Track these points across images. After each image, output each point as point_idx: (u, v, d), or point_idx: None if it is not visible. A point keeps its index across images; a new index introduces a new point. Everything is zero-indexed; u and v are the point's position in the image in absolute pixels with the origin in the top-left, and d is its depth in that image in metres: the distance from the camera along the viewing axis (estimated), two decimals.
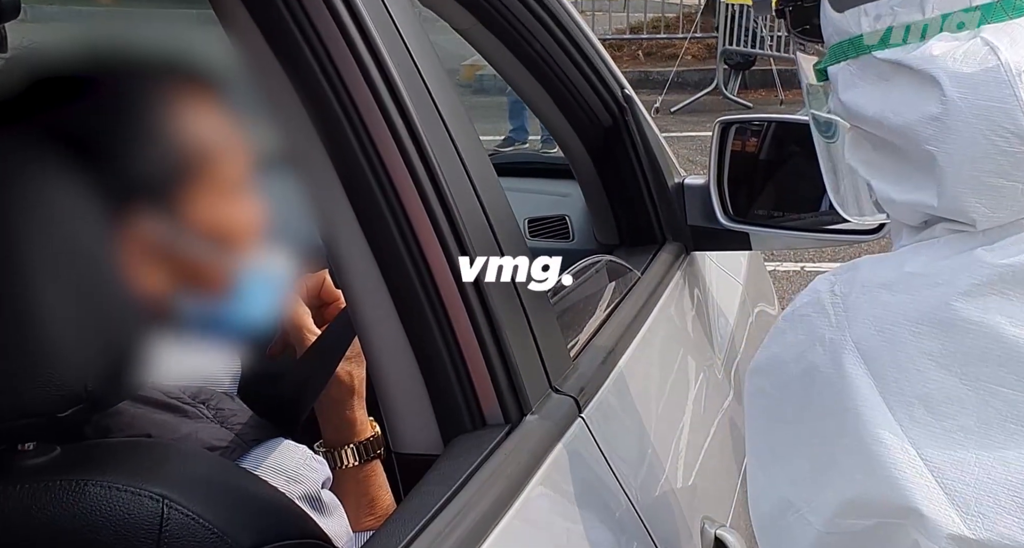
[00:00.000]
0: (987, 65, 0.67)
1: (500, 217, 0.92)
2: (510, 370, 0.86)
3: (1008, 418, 0.66)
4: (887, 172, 0.74)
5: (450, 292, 0.85)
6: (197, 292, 0.80)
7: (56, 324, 0.68)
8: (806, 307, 0.75)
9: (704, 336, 1.44)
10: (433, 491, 0.76)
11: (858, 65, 0.73)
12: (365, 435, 1.00)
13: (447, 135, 0.88)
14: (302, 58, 0.80)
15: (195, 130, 0.80)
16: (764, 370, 0.77)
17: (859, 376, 0.69)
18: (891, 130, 0.71)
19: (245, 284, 0.82)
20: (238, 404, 0.92)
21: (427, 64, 0.88)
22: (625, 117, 1.42)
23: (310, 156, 0.83)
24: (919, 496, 0.66)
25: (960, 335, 0.68)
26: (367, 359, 0.91)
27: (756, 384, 0.77)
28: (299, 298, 1.00)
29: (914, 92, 0.69)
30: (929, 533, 0.66)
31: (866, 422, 0.68)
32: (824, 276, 0.76)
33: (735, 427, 1.42)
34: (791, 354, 0.74)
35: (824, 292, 0.74)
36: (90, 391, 0.69)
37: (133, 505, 0.70)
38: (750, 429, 0.78)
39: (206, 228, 0.79)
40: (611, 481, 0.96)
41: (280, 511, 0.79)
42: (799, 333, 0.74)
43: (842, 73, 0.74)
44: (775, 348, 0.77)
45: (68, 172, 0.72)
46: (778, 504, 0.74)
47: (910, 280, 0.71)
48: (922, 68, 0.69)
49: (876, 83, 0.72)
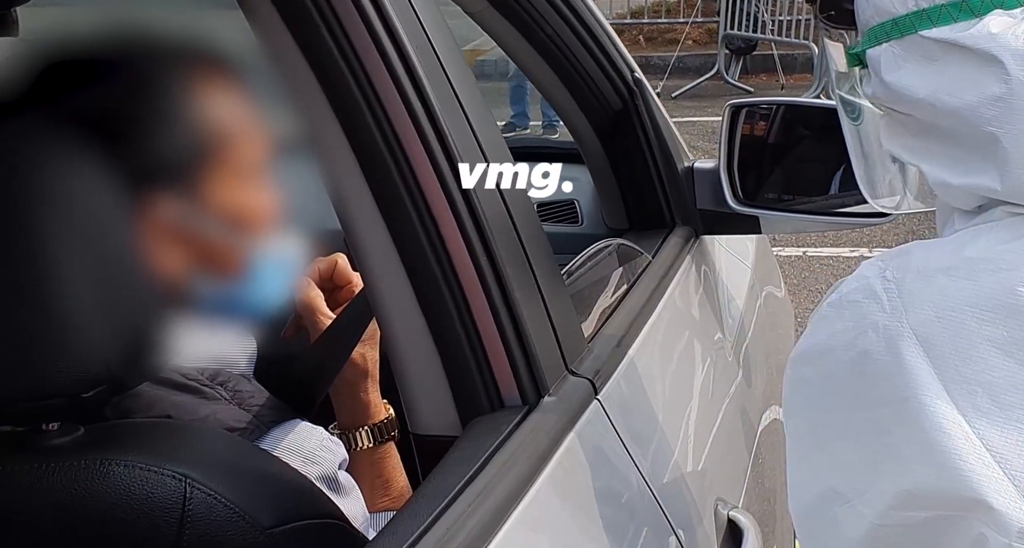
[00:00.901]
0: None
1: (515, 197, 0.92)
2: (527, 352, 0.87)
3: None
4: (937, 155, 0.73)
5: (468, 275, 0.85)
6: (213, 274, 0.80)
7: (78, 307, 0.69)
8: (855, 293, 0.72)
9: (714, 319, 1.45)
10: (453, 472, 0.77)
11: (902, 46, 0.71)
12: (379, 417, 1.01)
13: (465, 119, 0.88)
14: (322, 42, 0.80)
15: (215, 113, 0.80)
16: (809, 358, 0.74)
17: (918, 363, 0.67)
18: (945, 112, 0.70)
19: (259, 266, 0.82)
20: (255, 386, 0.93)
21: (445, 48, 0.88)
22: (635, 100, 1.41)
23: (329, 140, 0.83)
24: (987, 488, 0.63)
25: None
26: (385, 341, 0.91)
27: (799, 373, 0.74)
28: (312, 281, 1.00)
29: (972, 72, 0.68)
30: (999, 527, 0.63)
31: (927, 410, 0.66)
32: (871, 262, 0.74)
33: (744, 410, 1.43)
34: (840, 342, 0.72)
35: (874, 278, 0.72)
36: (112, 372, 0.70)
37: (156, 484, 0.70)
38: (791, 419, 0.75)
39: (224, 211, 0.79)
40: (627, 463, 0.96)
41: (299, 491, 0.80)
42: (847, 320, 0.71)
43: (885, 55, 0.72)
44: (821, 336, 0.73)
45: (87, 156, 0.72)
46: (823, 495, 0.72)
47: (971, 265, 0.69)
48: (981, 47, 0.67)
49: (924, 64, 0.70)
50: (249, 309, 0.83)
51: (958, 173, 0.71)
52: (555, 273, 0.97)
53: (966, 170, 0.71)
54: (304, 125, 0.84)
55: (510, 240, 0.89)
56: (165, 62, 0.81)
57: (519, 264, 0.89)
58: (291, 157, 0.87)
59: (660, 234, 1.42)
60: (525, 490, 0.77)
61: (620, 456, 0.96)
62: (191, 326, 0.78)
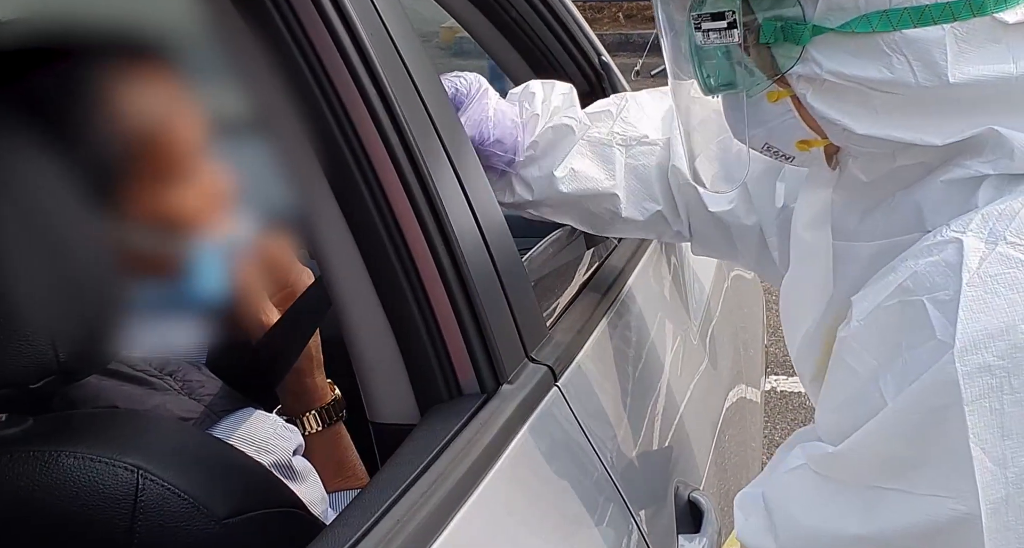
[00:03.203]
0: None
1: (474, 183, 0.92)
2: (486, 340, 0.86)
3: None
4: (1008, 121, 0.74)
5: (426, 263, 0.85)
6: (149, 277, 0.79)
7: (27, 296, 0.68)
8: (993, 266, 0.70)
9: (680, 302, 1.45)
10: (409, 460, 0.77)
11: (967, 29, 0.72)
12: (326, 400, 1.00)
13: (422, 105, 0.87)
14: (270, 21, 0.79)
15: (138, 116, 0.77)
16: (983, 344, 0.70)
17: None
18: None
19: (198, 260, 0.81)
20: (206, 375, 0.92)
21: (397, 25, 0.87)
22: (602, 83, 1.41)
23: (280, 123, 0.82)
24: None
25: None
26: (343, 329, 0.91)
27: (974, 363, 0.70)
28: (255, 280, 0.98)
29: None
30: None
31: None
32: (967, 234, 0.72)
33: (709, 392, 1.44)
34: (1016, 316, 0.69)
35: (1000, 246, 0.70)
36: (62, 362, 0.69)
37: (108, 476, 0.70)
38: (967, 417, 0.71)
39: (153, 219, 0.78)
40: (587, 448, 0.97)
41: (256, 480, 0.80)
42: (1011, 292, 0.69)
43: (948, 37, 0.73)
44: (985, 317, 0.70)
45: (35, 146, 0.71)
46: (1019, 480, 0.70)
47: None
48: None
49: (989, 45, 0.72)
50: (191, 303, 0.82)
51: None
52: (516, 259, 0.97)
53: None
54: (254, 109, 0.83)
55: (468, 227, 0.89)
56: (89, 59, 0.77)
57: (478, 251, 0.89)
58: (242, 140, 0.86)
59: None
60: (480, 479, 0.78)
61: (580, 442, 0.96)
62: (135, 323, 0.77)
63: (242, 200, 0.85)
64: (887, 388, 0.75)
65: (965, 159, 0.77)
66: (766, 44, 0.76)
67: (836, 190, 0.87)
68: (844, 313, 0.82)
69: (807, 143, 0.82)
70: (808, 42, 0.75)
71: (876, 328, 0.76)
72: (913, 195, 0.81)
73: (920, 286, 0.73)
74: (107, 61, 0.78)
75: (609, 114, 1.12)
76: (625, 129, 1.11)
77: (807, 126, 0.80)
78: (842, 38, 0.74)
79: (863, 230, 0.85)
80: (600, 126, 1.11)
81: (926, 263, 0.73)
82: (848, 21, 0.74)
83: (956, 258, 0.72)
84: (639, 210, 1.11)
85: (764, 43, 0.76)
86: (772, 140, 0.83)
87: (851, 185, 0.85)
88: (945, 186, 0.78)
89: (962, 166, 0.78)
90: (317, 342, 0.99)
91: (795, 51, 0.76)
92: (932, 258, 0.73)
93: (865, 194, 0.84)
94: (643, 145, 1.10)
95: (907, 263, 0.75)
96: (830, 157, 0.84)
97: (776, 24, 0.75)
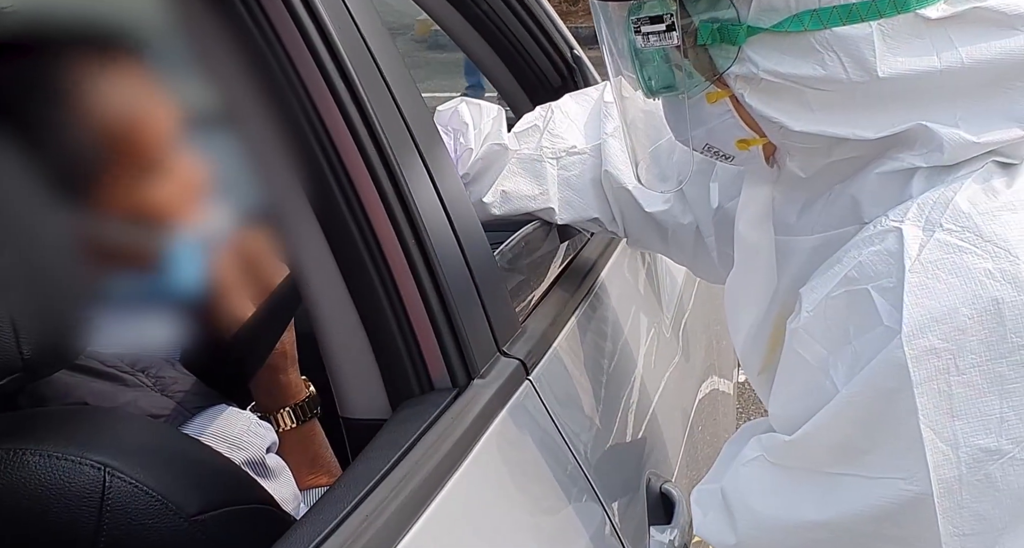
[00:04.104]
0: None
1: (445, 177, 0.92)
2: (457, 334, 0.86)
3: None
4: (939, 114, 0.76)
5: (396, 257, 0.85)
6: (124, 272, 0.78)
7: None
8: (932, 252, 0.73)
9: (653, 294, 1.46)
10: (379, 456, 0.77)
11: (893, 25, 0.75)
12: (300, 397, 1.00)
13: (392, 100, 0.87)
14: (238, 16, 0.78)
15: (108, 111, 0.77)
16: (926, 328, 0.72)
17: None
18: (962, 74, 0.75)
19: (174, 253, 0.81)
20: (179, 371, 0.91)
21: (366, 20, 0.86)
22: (574, 77, 1.41)
23: (250, 118, 0.82)
24: None
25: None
26: (314, 324, 0.90)
27: (919, 346, 0.72)
28: (230, 274, 0.97)
29: (1005, 32, 0.75)
30: None
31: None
32: (905, 223, 0.74)
33: (682, 384, 1.44)
34: (956, 300, 0.72)
35: (937, 233, 0.73)
36: (26, 359, 0.68)
37: (74, 474, 0.69)
38: (916, 398, 0.72)
39: (128, 213, 0.77)
40: (559, 441, 0.97)
41: (226, 477, 0.79)
42: (951, 276, 0.72)
43: (875, 34, 0.75)
44: (929, 302, 0.72)
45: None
46: (970, 460, 0.72)
47: (1023, 197, 0.74)
48: (1017, 12, 0.75)
49: (911, 40, 0.75)
50: (165, 297, 0.81)
51: (977, 129, 0.76)
52: (487, 253, 0.97)
53: (988, 125, 0.76)
54: (224, 104, 0.83)
55: (439, 220, 0.89)
56: (52, 53, 0.76)
57: (449, 245, 0.89)
58: (211, 133, 0.85)
59: None
60: (450, 474, 0.78)
61: (552, 436, 0.96)
62: (109, 316, 0.77)
63: (216, 195, 0.85)
64: (838, 376, 0.76)
65: (898, 152, 0.80)
66: (703, 46, 0.78)
67: (775, 186, 0.89)
68: (789, 306, 0.84)
69: (746, 142, 0.84)
70: (744, 42, 0.77)
71: (825, 318, 0.78)
72: (850, 188, 0.83)
73: (864, 275, 0.75)
74: (71, 55, 0.77)
75: (536, 129, 1.14)
76: (553, 142, 1.13)
77: (746, 126, 0.82)
78: (776, 38, 0.76)
79: (803, 224, 0.87)
80: (529, 142, 1.13)
81: (869, 253, 0.75)
82: (781, 21, 0.76)
83: (897, 246, 0.74)
84: (574, 219, 1.14)
85: (701, 45, 0.78)
86: (712, 140, 0.84)
87: (790, 181, 0.87)
88: (880, 178, 0.81)
89: (895, 159, 0.80)
90: (292, 338, 0.99)
91: (732, 52, 0.78)
92: (874, 248, 0.75)
93: (804, 189, 0.87)
94: (572, 155, 1.12)
95: (851, 254, 0.77)
96: (768, 155, 0.86)
97: (712, 26, 0.77)
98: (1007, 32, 0.76)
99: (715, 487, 0.87)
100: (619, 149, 1.09)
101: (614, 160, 1.09)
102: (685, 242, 1.10)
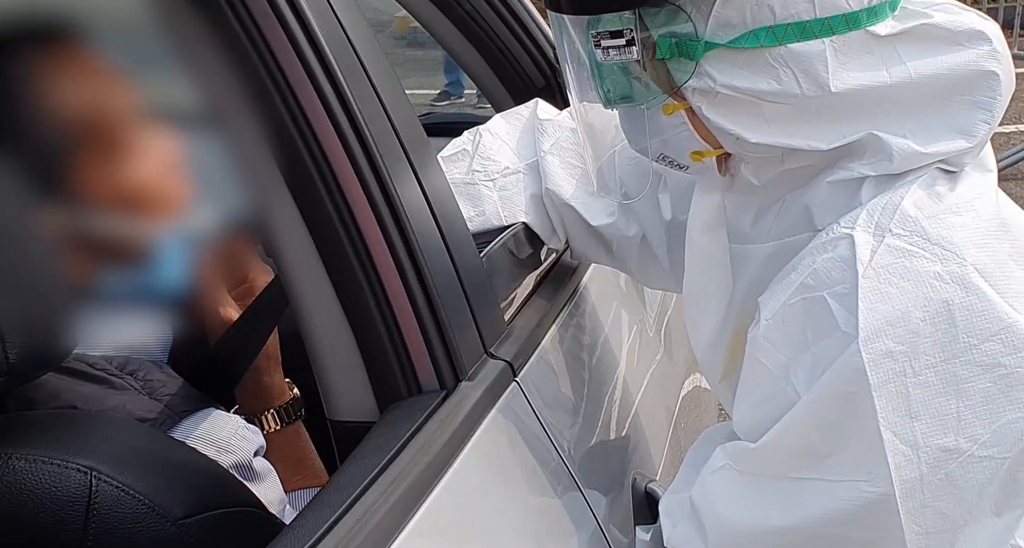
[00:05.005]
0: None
1: (432, 179, 0.91)
2: (445, 337, 0.86)
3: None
4: (895, 127, 0.79)
5: (384, 259, 0.85)
6: (114, 265, 0.77)
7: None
8: (883, 257, 0.74)
9: (636, 293, 1.46)
10: (368, 459, 0.76)
11: (845, 41, 0.77)
12: (284, 399, 1.00)
13: (379, 102, 0.86)
14: (221, 13, 0.78)
15: (72, 96, 0.75)
16: (881, 332, 0.73)
17: (992, 292, 0.72)
18: (921, 84, 0.79)
19: (160, 247, 0.80)
20: (168, 374, 0.91)
21: (350, 18, 0.86)
22: (557, 77, 1.41)
23: (234, 118, 0.81)
24: None
25: (1014, 231, 0.77)
26: (301, 326, 0.90)
27: (876, 350, 0.73)
28: (215, 274, 0.97)
29: (951, 48, 0.79)
30: None
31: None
32: (856, 229, 0.76)
33: (665, 382, 1.45)
34: (909, 303, 0.73)
35: (881, 239, 0.75)
36: (12, 363, 0.68)
37: (60, 478, 0.69)
38: (881, 401, 0.73)
39: (108, 199, 0.76)
40: (545, 442, 0.97)
41: (213, 480, 0.79)
42: (902, 280, 0.74)
43: (828, 50, 0.77)
44: (882, 306, 0.74)
45: None
46: (930, 460, 0.73)
47: (962, 201, 0.77)
48: (962, 28, 0.79)
49: (861, 56, 0.77)
50: (152, 293, 0.81)
51: (924, 140, 0.78)
52: (474, 255, 0.97)
53: (934, 136, 0.78)
54: (208, 103, 0.82)
55: (426, 223, 0.89)
56: (9, 47, 0.75)
57: (436, 247, 0.89)
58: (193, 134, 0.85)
59: None
60: (439, 476, 0.78)
61: (538, 437, 0.96)
62: (97, 315, 0.76)
63: (200, 194, 0.84)
64: (798, 382, 0.78)
65: (848, 162, 0.82)
66: (662, 59, 0.80)
67: (729, 194, 0.92)
68: (746, 314, 0.86)
69: (700, 154, 0.86)
70: (702, 57, 0.79)
71: (783, 325, 0.80)
72: (802, 197, 0.85)
73: (820, 282, 0.77)
74: (15, 49, 0.75)
75: (465, 153, 1.15)
76: (485, 165, 1.13)
77: (700, 137, 0.84)
78: (733, 53, 0.78)
79: (757, 232, 0.89)
80: (459, 166, 1.14)
81: (823, 260, 0.77)
82: (737, 37, 0.77)
83: (849, 253, 0.76)
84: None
85: (660, 59, 0.80)
86: (667, 150, 0.86)
87: (743, 189, 0.90)
88: (831, 187, 0.83)
89: (846, 168, 0.82)
90: (275, 340, 0.99)
91: (690, 66, 0.79)
92: (827, 255, 0.77)
93: (757, 197, 0.89)
94: (508, 176, 1.13)
95: (805, 261, 0.79)
96: (721, 164, 0.88)
97: (671, 40, 0.79)
98: (952, 48, 0.80)
99: (683, 496, 0.89)
100: (558, 166, 1.10)
101: (555, 178, 1.10)
102: (630, 253, 1.11)
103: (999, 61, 0.80)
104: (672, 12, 0.78)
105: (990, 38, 0.80)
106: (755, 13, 0.76)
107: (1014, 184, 4.32)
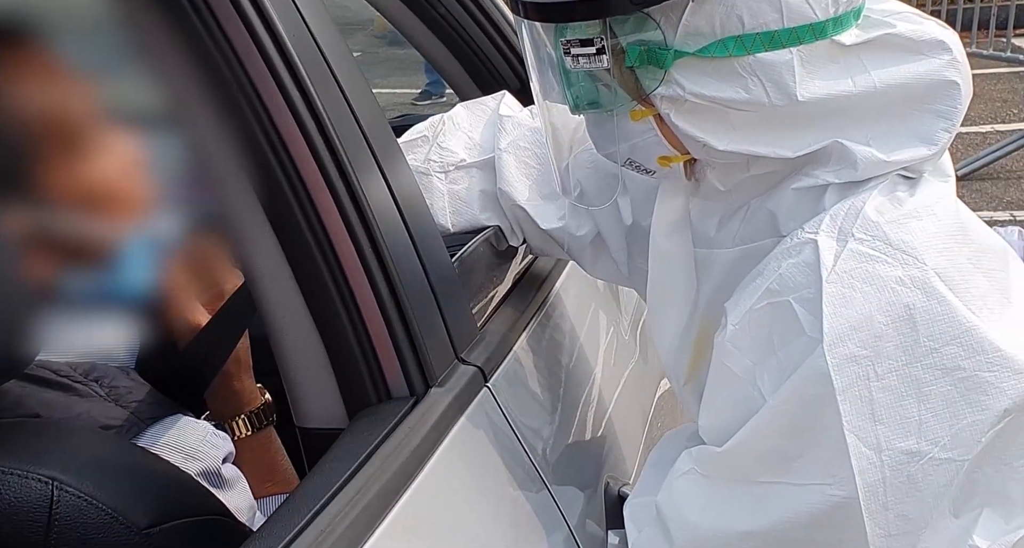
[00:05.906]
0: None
1: (401, 181, 0.91)
2: (414, 342, 0.86)
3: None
4: (857, 135, 0.80)
5: (352, 263, 0.84)
6: (79, 266, 0.76)
7: None
8: (846, 262, 0.75)
9: (611, 295, 1.46)
10: (336, 467, 0.76)
11: (811, 50, 0.78)
12: (255, 404, 0.99)
13: (346, 104, 0.86)
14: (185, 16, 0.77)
15: (27, 100, 0.74)
16: (845, 336, 0.74)
17: (952, 297, 0.73)
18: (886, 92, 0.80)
19: (125, 250, 0.79)
20: (134, 380, 0.89)
21: (314, 17, 0.85)
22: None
23: (197, 118, 0.80)
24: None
25: (972, 236, 0.79)
26: (269, 332, 0.89)
27: (840, 354, 0.74)
28: (183, 278, 0.96)
29: (913, 57, 0.80)
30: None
31: (988, 332, 0.72)
32: (819, 234, 0.77)
33: (640, 386, 1.45)
34: (873, 308, 0.74)
35: (844, 244, 0.75)
36: None
37: (20, 488, 0.67)
38: (846, 404, 0.74)
39: (69, 198, 0.75)
40: (517, 447, 0.97)
41: (179, 489, 0.78)
42: (865, 285, 0.74)
43: (796, 59, 0.78)
44: (846, 311, 0.74)
45: None
46: (892, 463, 0.74)
47: (922, 206, 0.78)
48: (924, 38, 0.81)
49: (827, 64, 0.79)
50: (118, 296, 0.79)
51: (887, 148, 0.79)
52: (445, 259, 0.96)
53: (897, 144, 0.79)
54: (172, 105, 0.81)
55: (396, 228, 0.88)
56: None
57: (406, 251, 0.88)
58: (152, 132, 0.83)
59: None
60: (408, 484, 0.77)
61: (509, 442, 0.96)
62: (60, 320, 0.75)
63: (164, 196, 0.83)
64: (764, 386, 0.79)
65: (813, 168, 0.83)
66: (631, 67, 0.80)
67: (694, 199, 0.92)
68: (712, 318, 0.86)
69: (667, 159, 0.86)
70: (671, 66, 0.79)
71: (749, 330, 0.80)
72: (767, 203, 0.86)
73: (785, 287, 0.78)
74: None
75: (425, 140, 1.14)
76: (441, 155, 1.13)
77: (668, 144, 0.84)
78: (702, 62, 0.78)
79: (722, 237, 0.90)
80: (417, 153, 1.13)
81: (788, 265, 0.78)
82: (706, 45, 0.78)
83: (813, 258, 0.77)
84: (465, 230, 1.15)
85: (629, 67, 0.80)
86: (635, 156, 0.87)
87: (709, 193, 0.90)
88: (796, 193, 0.84)
89: (810, 175, 0.83)
90: (246, 345, 0.98)
91: (659, 74, 0.80)
92: (792, 260, 0.78)
93: (722, 202, 0.90)
94: (460, 170, 1.13)
95: (771, 266, 0.80)
96: (687, 168, 0.89)
97: (640, 48, 0.79)
98: (915, 57, 0.81)
99: (648, 501, 0.89)
100: (513, 166, 1.10)
101: (508, 177, 1.10)
102: (582, 252, 1.11)
103: (959, 70, 0.81)
104: (641, 20, 0.78)
105: (950, 48, 0.81)
106: (724, 23, 0.77)
107: (990, 183, 4.35)
